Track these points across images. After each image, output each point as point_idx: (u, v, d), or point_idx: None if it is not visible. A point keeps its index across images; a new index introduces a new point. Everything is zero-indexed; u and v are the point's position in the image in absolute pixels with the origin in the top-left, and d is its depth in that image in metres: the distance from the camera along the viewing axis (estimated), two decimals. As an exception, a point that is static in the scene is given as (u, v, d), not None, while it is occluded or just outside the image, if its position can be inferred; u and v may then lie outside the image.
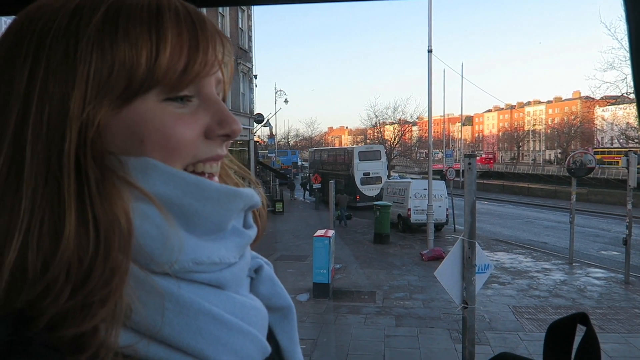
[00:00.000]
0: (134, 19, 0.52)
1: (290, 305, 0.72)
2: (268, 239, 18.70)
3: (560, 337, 0.77)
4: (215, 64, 0.57)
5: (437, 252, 15.42)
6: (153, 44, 0.52)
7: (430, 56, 17.39)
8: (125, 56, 0.51)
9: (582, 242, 18.26)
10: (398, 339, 9.00)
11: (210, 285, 0.55)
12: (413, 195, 20.79)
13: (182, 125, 0.55)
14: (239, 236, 0.61)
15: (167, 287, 0.50)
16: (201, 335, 0.51)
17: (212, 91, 0.59)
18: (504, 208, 32.93)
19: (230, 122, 0.58)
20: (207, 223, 0.55)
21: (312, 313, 10.34)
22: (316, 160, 38.55)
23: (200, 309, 0.51)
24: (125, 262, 0.47)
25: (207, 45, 0.55)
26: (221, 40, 0.59)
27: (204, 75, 0.56)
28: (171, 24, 0.53)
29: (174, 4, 0.55)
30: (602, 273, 14.06)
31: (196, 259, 0.53)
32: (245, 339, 0.55)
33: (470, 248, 6.20)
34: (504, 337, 9.13)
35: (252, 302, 0.61)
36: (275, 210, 27.26)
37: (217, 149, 0.59)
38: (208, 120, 0.57)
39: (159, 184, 0.52)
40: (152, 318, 0.48)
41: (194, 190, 0.54)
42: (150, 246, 0.50)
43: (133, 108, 0.52)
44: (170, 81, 0.53)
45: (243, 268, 0.61)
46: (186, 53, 0.53)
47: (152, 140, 0.53)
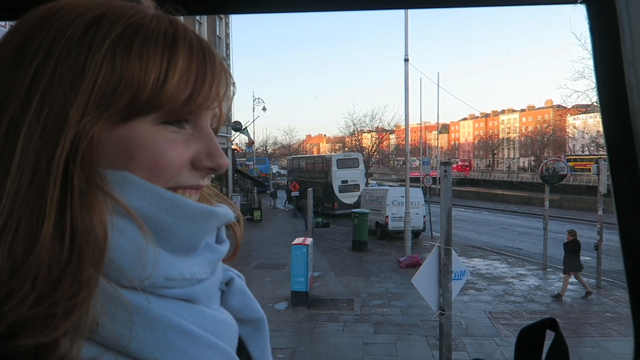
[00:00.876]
0: (149, 42, 0.53)
1: (262, 318, 0.72)
2: (246, 248, 18.55)
3: (531, 342, 0.79)
4: (216, 100, 0.58)
5: (414, 259, 15.53)
6: (163, 69, 0.53)
7: (407, 65, 17.60)
8: (134, 75, 0.51)
9: (555, 248, 18.61)
10: (376, 347, 9.01)
11: (180, 300, 0.55)
12: (391, 202, 20.93)
13: (173, 150, 0.55)
14: (211, 252, 0.61)
15: (137, 302, 0.50)
16: (170, 349, 0.50)
17: (207, 124, 0.60)
18: (479, 215, 33.42)
19: (218, 157, 0.59)
20: (180, 240, 0.55)
21: (290, 322, 10.28)
22: (294, 168, 38.52)
23: (170, 324, 0.51)
24: (95, 276, 0.47)
25: (212, 80, 0.57)
26: (226, 78, 0.60)
27: (204, 108, 0.57)
28: (184, 53, 0.54)
29: (189, 36, 0.56)
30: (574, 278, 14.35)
31: (167, 274, 0.53)
32: (214, 352, 0.55)
33: (447, 255, 6.27)
34: (481, 342, 9.23)
35: (222, 316, 0.61)
36: (254, 219, 27.11)
37: (200, 180, 0.60)
38: (198, 150, 0.58)
39: (135, 199, 0.52)
40: (119, 332, 0.48)
41: (170, 207, 0.54)
42: (122, 261, 0.49)
43: (130, 126, 0.52)
44: (172, 108, 0.54)
45: (214, 283, 0.62)
46: (192, 84, 0.55)
47: (141, 160, 0.53)
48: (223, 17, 27.78)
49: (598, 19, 0.76)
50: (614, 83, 0.74)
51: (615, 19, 0.72)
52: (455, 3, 0.90)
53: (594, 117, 55.96)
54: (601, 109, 0.80)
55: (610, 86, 0.76)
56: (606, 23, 0.74)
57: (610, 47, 0.74)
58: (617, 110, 0.75)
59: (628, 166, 0.75)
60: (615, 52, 0.73)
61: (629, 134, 0.73)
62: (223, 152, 0.60)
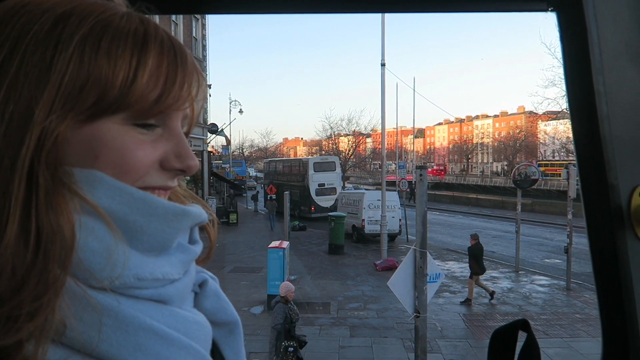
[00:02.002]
0: (119, 40, 0.52)
1: (236, 320, 0.70)
2: (221, 251, 18.37)
3: (503, 343, 0.80)
4: (187, 101, 0.57)
5: (390, 262, 15.64)
6: (132, 68, 0.52)
7: (384, 70, 17.77)
8: (102, 74, 0.50)
9: (527, 251, 19.03)
10: (352, 350, 9.03)
11: (152, 301, 0.54)
12: (367, 206, 21.05)
13: (140, 150, 0.54)
14: (184, 252, 0.60)
15: (106, 303, 0.48)
16: (141, 351, 0.49)
17: (178, 125, 0.59)
18: (454, 218, 33.88)
19: (188, 158, 0.58)
20: (151, 240, 0.54)
21: (266, 326, 10.20)
22: (271, 171, 38.40)
23: (141, 325, 0.50)
24: (62, 276, 0.45)
25: (183, 81, 0.56)
26: (198, 79, 0.59)
27: (174, 108, 0.56)
28: (154, 52, 0.53)
29: (160, 35, 0.55)
30: (545, 280, 14.70)
31: (138, 274, 0.52)
32: (187, 353, 0.54)
33: (422, 258, 6.34)
34: (455, 344, 9.35)
35: (195, 317, 0.60)
36: (230, 222, 26.88)
37: (168, 181, 0.59)
38: (167, 151, 0.57)
39: (104, 198, 0.51)
40: (88, 334, 0.47)
41: (141, 207, 0.53)
42: (91, 261, 0.48)
43: (97, 125, 0.51)
44: (141, 107, 0.53)
45: (187, 284, 0.61)
46: (162, 84, 0.54)
47: (107, 159, 0.52)
48: (199, 17, 27.54)
49: (567, 27, 0.78)
50: (583, 90, 0.76)
51: (584, 27, 0.74)
52: (430, 8, 0.91)
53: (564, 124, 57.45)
54: (571, 116, 0.82)
55: (580, 93, 0.78)
56: (575, 31, 0.76)
57: (579, 55, 0.75)
58: (586, 116, 0.77)
59: (596, 171, 0.77)
60: (584, 60, 0.75)
61: (597, 140, 0.75)
62: (193, 153, 0.59)
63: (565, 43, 0.79)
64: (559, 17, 0.79)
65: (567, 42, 0.79)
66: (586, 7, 0.73)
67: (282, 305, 7.41)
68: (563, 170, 14.90)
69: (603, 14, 0.73)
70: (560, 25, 0.79)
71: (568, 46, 0.79)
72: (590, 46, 0.74)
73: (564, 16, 0.79)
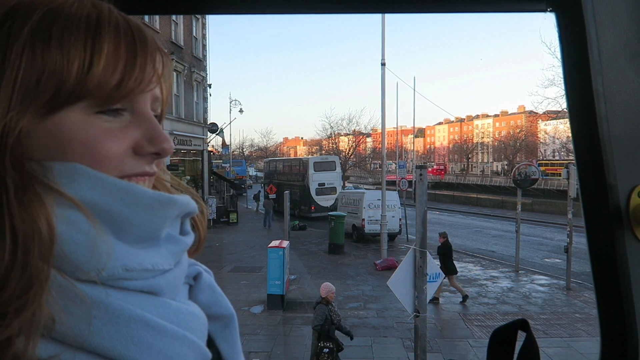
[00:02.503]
0: (70, 28, 0.51)
1: (231, 314, 0.70)
2: (222, 250, 18.39)
3: (503, 343, 0.80)
4: (152, 82, 0.56)
5: (390, 261, 15.63)
6: (87, 55, 0.50)
7: (384, 69, 17.76)
8: (56, 64, 0.49)
9: (527, 251, 19.03)
10: (352, 349, 9.02)
11: (143, 292, 0.53)
12: (367, 205, 21.04)
13: (109, 139, 0.53)
14: (174, 243, 0.59)
15: (95, 295, 0.48)
16: (133, 342, 0.49)
17: (146, 108, 0.58)
18: (454, 218, 33.87)
19: (161, 140, 0.57)
20: (139, 230, 0.54)
21: (266, 325, 10.22)
22: (271, 171, 38.39)
23: (132, 316, 0.50)
24: (45, 271, 0.45)
25: (145, 62, 0.55)
26: (161, 58, 0.58)
27: (138, 92, 0.55)
28: (109, 37, 0.52)
29: (115, 18, 0.54)
30: (545, 280, 14.69)
31: (126, 265, 0.51)
32: (182, 344, 0.53)
33: (422, 257, 6.34)
34: (455, 344, 9.35)
35: (189, 308, 0.59)
36: (230, 221, 26.87)
37: (146, 166, 0.57)
38: (138, 136, 0.56)
39: (86, 190, 0.50)
40: (78, 328, 0.46)
41: (125, 197, 0.52)
42: (76, 253, 0.48)
43: (59, 118, 0.50)
44: (101, 95, 0.52)
45: (179, 275, 0.60)
46: (121, 68, 0.52)
47: (75, 152, 0.51)
48: (199, 17, 27.53)
49: (567, 27, 0.78)
50: (582, 90, 0.76)
51: (583, 28, 0.74)
52: (430, 8, 0.91)
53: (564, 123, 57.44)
54: (570, 116, 0.82)
55: (579, 93, 0.78)
56: (574, 32, 0.76)
57: (578, 55, 0.76)
58: (584, 116, 0.77)
59: (595, 171, 0.77)
60: (583, 60, 0.75)
61: (596, 140, 0.75)
62: (167, 135, 0.58)
63: (564, 43, 0.79)
64: (557, 18, 0.80)
65: (566, 43, 0.79)
66: (585, 7, 0.73)
67: (323, 307, 7.37)
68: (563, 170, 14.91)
69: (602, 15, 0.74)
70: (559, 26, 0.80)
71: (567, 46, 0.79)
72: (589, 46, 0.74)
73: (563, 17, 0.79)
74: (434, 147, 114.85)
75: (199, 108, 27.31)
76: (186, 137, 24.23)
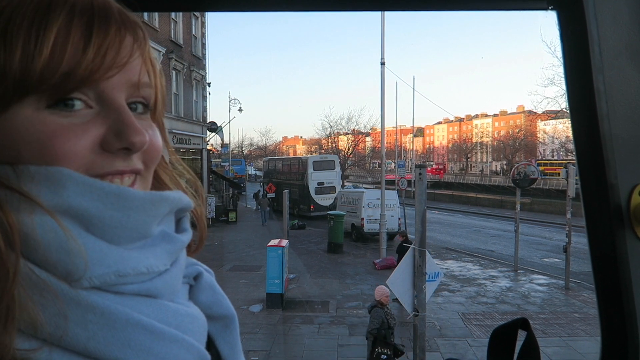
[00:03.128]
0: (15, 18, 0.47)
1: (232, 314, 0.68)
2: (221, 249, 18.39)
3: (503, 342, 0.80)
4: (113, 67, 0.50)
5: (389, 261, 15.64)
6: (30, 44, 0.46)
7: (383, 68, 17.76)
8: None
9: (526, 250, 19.05)
10: (351, 348, 9.03)
11: (140, 295, 0.52)
12: (366, 204, 21.06)
13: (66, 136, 0.48)
14: (170, 242, 0.57)
15: (91, 299, 0.47)
16: (130, 347, 0.48)
17: (115, 97, 0.52)
18: (453, 217, 33.90)
19: (129, 133, 0.51)
20: (132, 233, 0.52)
21: (265, 324, 10.23)
22: (270, 170, 38.40)
23: (128, 320, 0.49)
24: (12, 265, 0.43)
25: (102, 44, 0.49)
26: (133, 38, 0.52)
27: (96, 78, 0.49)
28: (58, 20, 0.47)
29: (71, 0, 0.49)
30: (544, 279, 14.71)
31: (120, 271, 0.49)
32: (180, 347, 0.52)
33: (421, 257, 6.34)
34: (454, 343, 9.36)
35: (188, 310, 0.58)
36: (229, 220, 26.88)
37: (118, 163, 0.52)
38: (104, 130, 0.51)
39: (73, 196, 0.48)
40: (73, 332, 0.46)
41: (115, 201, 0.50)
42: (60, 259, 0.46)
43: (8, 116, 0.47)
44: (49, 86, 0.47)
45: (176, 275, 0.58)
46: (71, 54, 0.47)
47: (29, 153, 0.47)
48: (199, 16, 27.51)
49: (568, 25, 0.78)
50: (583, 89, 0.76)
51: (585, 26, 0.74)
52: (430, 7, 0.91)
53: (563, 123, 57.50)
54: (571, 114, 0.82)
55: (580, 92, 0.78)
56: (575, 30, 0.76)
57: (580, 53, 0.75)
58: (585, 115, 0.77)
59: (596, 170, 0.77)
60: (584, 58, 0.75)
61: (597, 139, 0.75)
62: (139, 126, 0.52)
63: (565, 42, 0.79)
64: (559, 16, 0.79)
65: (567, 41, 0.79)
66: (586, 6, 0.73)
67: (379, 310, 7.09)
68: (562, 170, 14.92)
69: (603, 13, 0.73)
70: (560, 24, 0.79)
71: (568, 45, 0.79)
72: (590, 45, 0.74)
73: (564, 15, 0.79)
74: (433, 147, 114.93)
75: (198, 107, 27.30)
76: (185, 135, 24.23)
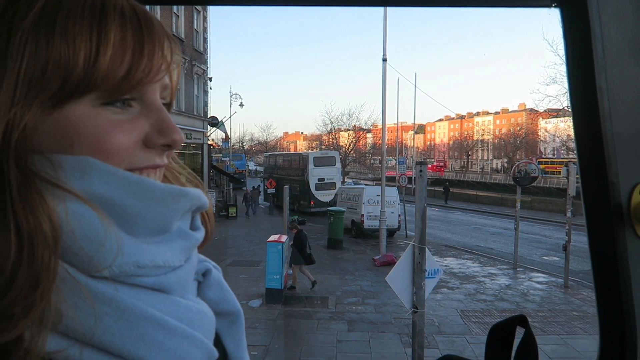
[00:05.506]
0: (74, 16, 0.48)
1: (238, 311, 0.70)
2: (221, 244, 18.41)
3: (501, 338, 0.80)
4: (160, 71, 0.54)
5: (389, 257, 15.65)
6: (93, 44, 0.49)
7: (385, 65, 17.71)
8: (62, 55, 0.47)
9: (525, 248, 19.04)
10: (350, 344, 9.05)
11: (154, 290, 0.53)
12: (366, 201, 21.05)
13: (118, 132, 0.51)
14: (185, 238, 0.58)
15: (107, 292, 0.48)
16: (143, 341, 0.49)
17: (156, 98, 0.56)
18: (453, 215, 33.87)
19: (171, 131, 0.55)
20: (151, 224, 0.53)
21: (264, 319, 10.25)
22: (271, 165, 38.37)
23: (143, 315, 0.49)
24: (52, 268, 0.44)
25: (153, 50, 0.53)
26: (169, 45, 0.56)
27: (147, 81, 0.53)
28: (115, 24, 0.50)
29: (120, 4, 0.52)
30: (543, 277, 14.72)
31: (138, 262, 0.50)
32: (190, 343, 0.53)
33: (421, 253, 6.34)
34: (452, 340, 9.37)
35: (198, 306, 0.59)
36: (229, 215, 26.90)
37: (156, 158, 0.56)
38: (148, 128, 0.55)
39: (98, 184, 0.49)
40: (88, 324, 0.46)
41: (137, 191, 0.51)
42: (88, 249, 0.47)
43: (66, 110, 0.49)
44: (109, 86, 0.50)
45: (189, 271, 0.59)
46: (129, 57, 0.51)
47: (84, 145, 0.49)
48: (200, 10, 27.43)
49: (571, 23, 0.78)
50: (585, 87, 0.76)
51: (588, 24, 0.73)
52: (433, 3, 0.91)
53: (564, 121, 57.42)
54: (572, 112, 0.81)
55: (582, 90, 0.78)
56: (579, 27, 0.75)
57: (582, 51, 0.75)
58: (587, 113, 0.77)
59: (597, 168, 0.77)
60: (587, 56, 0.74)
61: (598, 137, 0.75)
62: (176, 126, 0.57)
63: (568, 39, 0.79)
64: (562, 14, 0.79)
65: (570, 39, 0.79)
66: (590, 3, 0.73)
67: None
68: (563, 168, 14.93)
69: (606, 11, 0.73)
70: (563, 22, 0.79)
71: (571, 43, 0.79)
72: (593, 43, 0.73)
73: (568, 12, 0.78)
74: (434, 144, 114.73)
75: (199, 101, 27.28)
76: (186, 130, 24.21)
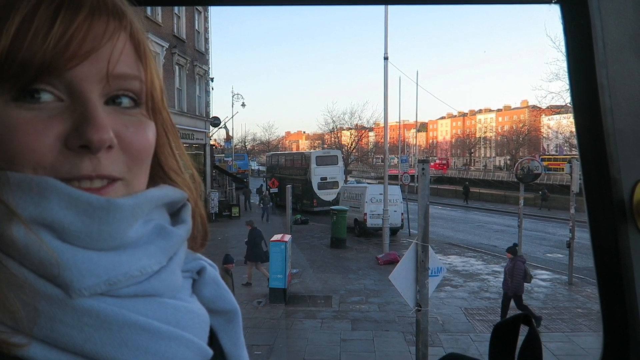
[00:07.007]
0: None
1: (235, 309, 0.68)
2: (224, 244, 18.43)
3: (505, 337, 0.80)
4: (77, 55, 0.46)
5: (392, 256, 15.66)
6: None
7: (386, 63, 17.71)
8: None
9: (529, 245, 19.02)
10: (354, 343, 9.06)
11: (137, 296, 0.51)
12: (369, 200, 21.07)
13: (24, 130, 0.45)
14: (165, 238, 0.55)
15: (87, 305, 0.47)
16: (127, 347, 0.48)
17: (84, 89, 0.47)
18: (456, 212, 33.86)
19: (88, 130, 0.46)
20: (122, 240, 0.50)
21: (268, 318, 10.27)
22: (273, 165, 38.41)
23: (125, 321, 0.48)
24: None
25: (66, 30, 0.45)
26: (108, 25, 0.48)
27: (58, 67, 0.45)
28: (28, 6, 0.44)
29: None
30: (547, 275, 14.70)
31: (110, 279, 0.48)
32: (179, 344, 0.52)
33: (424, 252, 6.34)
34: (456, 338, 9.37)
35: (188, 306, 0.57)
36: (232, 215, 26.93)
37: (85, 166, 0.47)
38: (68, 126, 0.46)
39: (57, 208, 0.46)
40: (69, 335, 0.45)
41: (103, 215, 0.47)
42: (49, 270, 0.46)
43: None
44: (7, 76, 0.44)
45: (174, 270, 0.56)
46: (31, 40, 0.44)
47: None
48: (202, 10, 27.45)
49: (571, 19, 0.77)
50: (587, 83, 0.76)
51: (588, 20, 0.73)
52: (435, 0, 0.90)
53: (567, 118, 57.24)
54: (574, 109, 0.81)
55: (583, 86, 0.78)
56: (579, 24, 0.75)
57: (583, 47, 0.75)
58: (588, 110, 0.76)
59: (599, 165, 0.77)
60: (588, 52, 0.74)
61: (600, 134, 0.75)
62: (104, 122, 0.47)
63: (568, 35, 0.79)
64: (562, 9, 0.79)
65: (571, 35, 0.78)
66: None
67: None
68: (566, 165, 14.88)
69: (607, 7, 0.73)
70: (564, 18, 0.79)
71: (572, 39, 0.78)
72: (594, 39, 0.73)
73: (568, 8, 0.78)
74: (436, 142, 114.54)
75: (201, 101, 27.31)
76: (188, 130, 24.25)
